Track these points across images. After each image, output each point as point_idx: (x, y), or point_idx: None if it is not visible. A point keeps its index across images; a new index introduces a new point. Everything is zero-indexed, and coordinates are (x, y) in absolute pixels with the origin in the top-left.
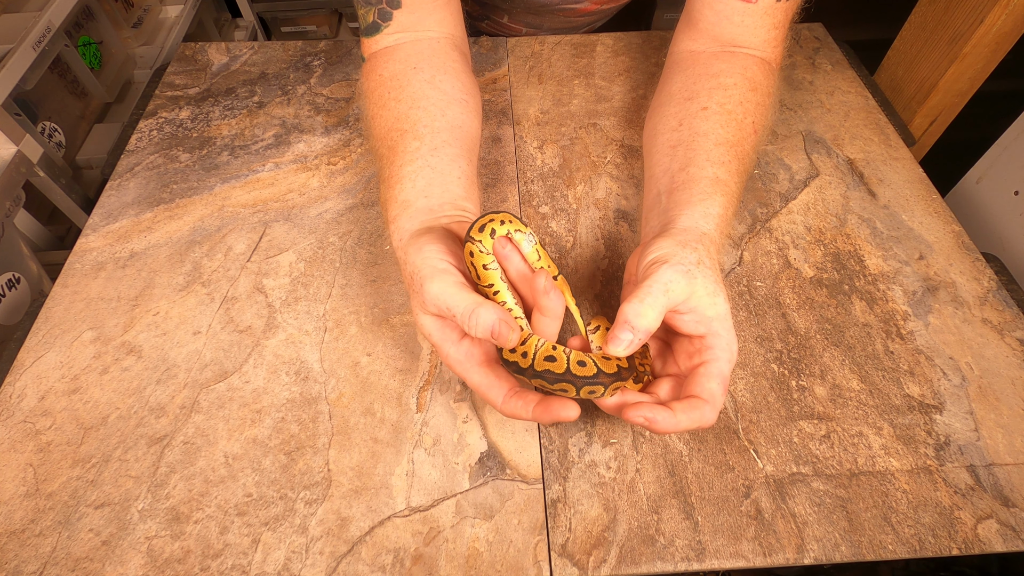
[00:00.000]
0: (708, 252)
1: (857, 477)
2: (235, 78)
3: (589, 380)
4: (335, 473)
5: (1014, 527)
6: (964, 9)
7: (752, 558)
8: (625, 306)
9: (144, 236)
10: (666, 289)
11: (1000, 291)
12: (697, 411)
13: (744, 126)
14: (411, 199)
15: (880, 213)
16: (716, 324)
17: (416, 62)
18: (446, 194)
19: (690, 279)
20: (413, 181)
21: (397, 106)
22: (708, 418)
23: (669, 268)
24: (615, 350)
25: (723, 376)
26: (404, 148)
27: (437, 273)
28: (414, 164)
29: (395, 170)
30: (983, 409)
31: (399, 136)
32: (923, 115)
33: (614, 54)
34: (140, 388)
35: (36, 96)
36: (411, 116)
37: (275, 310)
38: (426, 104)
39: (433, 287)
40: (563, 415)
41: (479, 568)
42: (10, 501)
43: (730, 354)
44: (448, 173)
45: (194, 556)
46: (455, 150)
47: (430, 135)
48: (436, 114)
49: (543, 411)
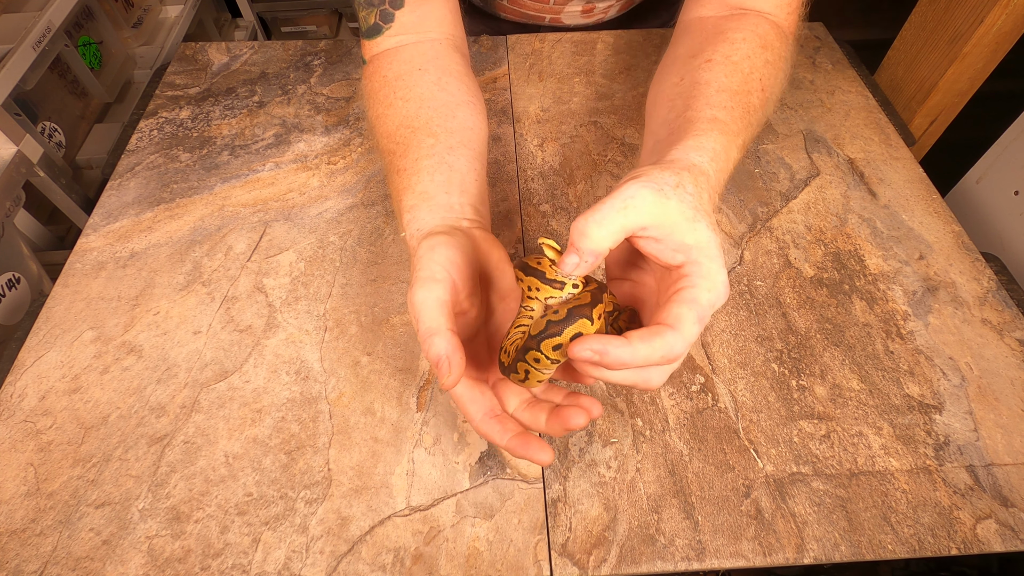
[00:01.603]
0: (695, 182)
1: (857, 477)
2: (235, 78)
3: (544, 334)
4: (335, 472)
5: (1013, 527)
6: (964, 9)
7: (752, 558)
8: (573, 223)
9: (144, 236)
10: (625, 205)
11: (1000, 291)
12: (659, 338)
13: (751, 80)
14: (431, 192)
15: (880, 213)
16: (696, 252)
17: (421, 64)
18: (466, 195)
19: (662, 198)
20: (432, 175)
21: (405, 106)
22: (674, 348)
23: (635, 183)
24: (562, 272)
25: (697, 303)
26: (419, 143)
27: (427, 282)
28: (432, 159)
29: (410, 162)
30: (982, 409)
31: (411, 133)
32: (923, 115)
33: (615, 52)
34: (140, 388)
35: (36, 96)
36: (421, 115)
37: (275, 309)
38: (435, 105)
39: (416, 295)
40: (537, 456)
41: (479, 567)
42: (11, 500)
43: (710, 283)
44: (467, 174)
45: (195, 555)
46: (471, 152)
47: (445, 134)
48: (447, 115)
49: (518, 444)
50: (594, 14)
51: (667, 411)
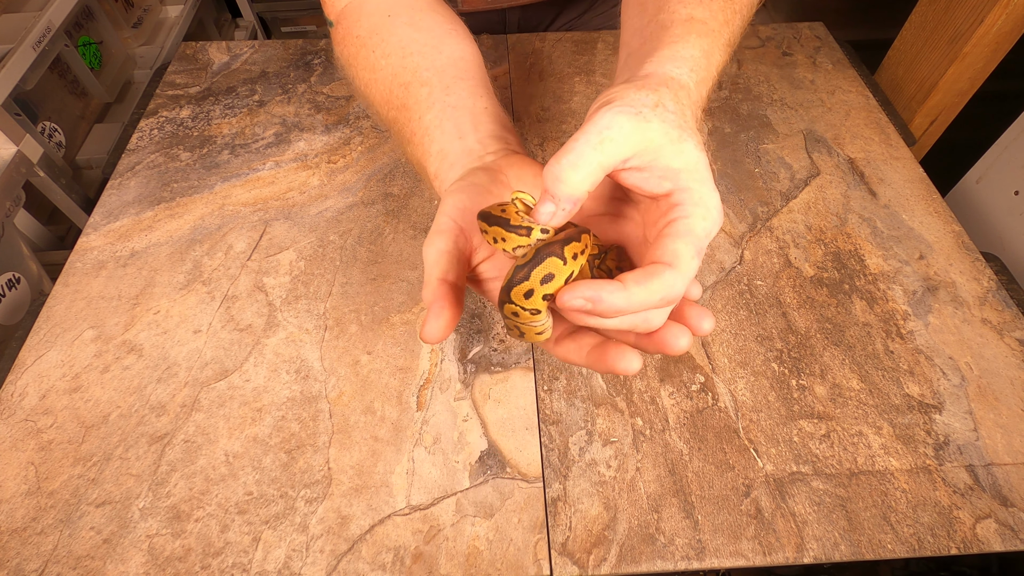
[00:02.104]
0: (675, 97)
1: (857, 476)
2: (235, 77)
3: (511, 283)
4: (335, 471)
5: (1012, 527)
6: (964, 9)
7: (752, 557)
8: (545, 167)
9: (145, 235)
10: (600, 139)
11: (1000, 291)
12: (656, 279)
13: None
14: (446, 147)
15: (880, 212)
16: (685, 176)
17: (389, 9)
18: (480, 128)
19: (641, 123)
20: (440, 128)
21: (388, 62)
22: (673, 287)
23: (608, 110)
24: (538, 223)
25: (693, 234)
26: (415, 100)
27: (431, 236)
28: (432, 111)
29: (415, 125)
30: (982, 409)
31: (403, 90)
32: (923, 115)
33: (615, 51)
34: (141, 387)
35: (36, 96)
36: (407, 65)
37: (275, 308)
38: (417, 48)
39: (423, 250)
40: (620, 365)
41: (479, 566)
42: (11, 499)
43: (704, 210)
44: (473, 108)
45: (195, 554)
46: (469, 82)
47: (436, 77)
48: (432, 54)
49: (597, 358)
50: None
51: (667, 410)
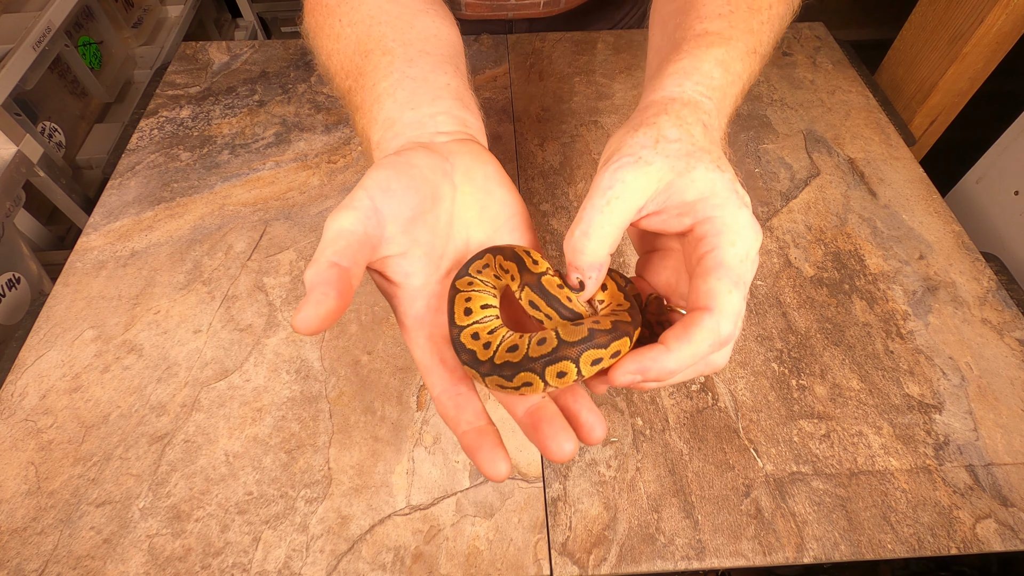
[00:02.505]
0: (678, 120)
1: (857, 476)
2: (236, 77)
3: (548, 357)
4: (335, 471)
5: (1012, 527)
6: (964, 9)
7: (752, 557)
8: (564, 242)
9: (145, 235)
10: (607, 200)
11: (1000, 291)
12: (698, 329)
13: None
14: (394, 116)
15: (880, 212)
16: (701, 207)
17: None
18: (438, 103)
19: (642, 169)
20: (393, 96)
21: (353, 31)
22: (717, 331)
23: (609, 169)
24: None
25: (724, 266)
26: (373, 67)
27: (338, 210)
28: (390, 79)
29: (367, 92)
30: (982, 409)
31: (363, 58)
32: (923, 115)
33: (615, 51)
34: (141, 387)
35: (36, 96)
36: (372, 34)
37: (275, 308)
38: (387, 19)
39: (328, 225)
40: (487, 466)
41: (479, 566)
42: (12, 499)
43: (732, 235)
44: (434, 82)
45: (195, 554)
46: (434, 59)
47: (401, 48)
48: (403, 27)
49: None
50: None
51: (667, 410)
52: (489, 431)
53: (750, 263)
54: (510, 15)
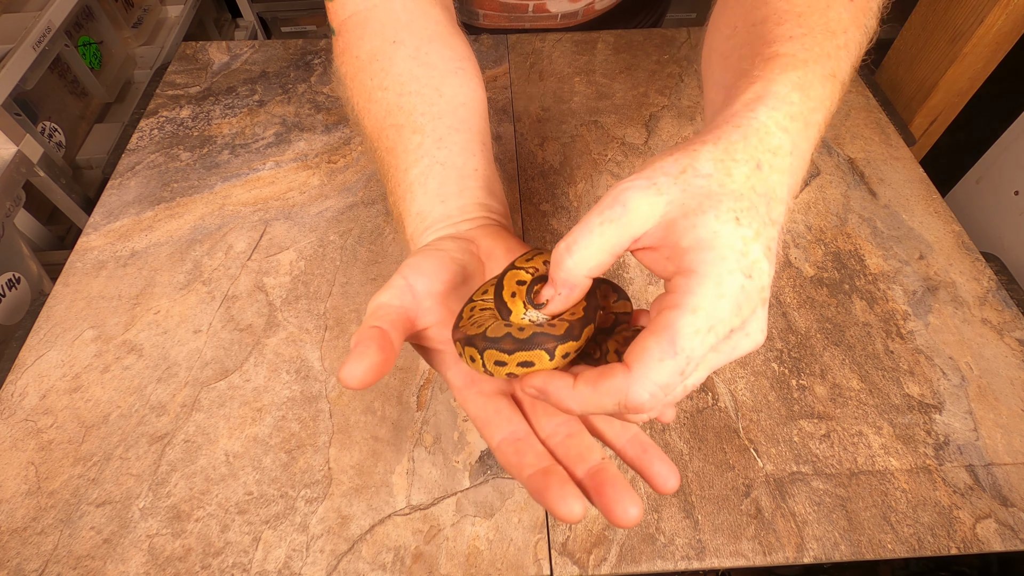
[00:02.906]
0: (723, 153)
1: (857, 476)
2: (236, 77)
3: (493, 343)
4: (335, 471)
5: (1012, 527)
6: (964, 9)
7: (752, 557)
8: (552, 251)
9: (145, 235)
10: (602, 220)
11: (1000, 291)
12: (606, 381)
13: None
14: (425, 209)
15: (880, 212)
16: (689, 259)
17: (395, 34)
18: (465, 194)
19: (652, 196)
20: (424, 186)
21: (385, 96)
22: (629, 393)
23: (624, 185)
24: (546, 309)
25: (671, 333)
26: (405, 147)
27: (381, 291)
28: (420, 165)
29: (400, 176)
30: (982, 409)
31: (395, 133)
32: (923, 115)
33: (615, 51)
34: (141, 387)
35: (36, 96)
36: (403, 105)
37: (276, 308)
38: (417, 87)
39: (369, 305)
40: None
41: (479, 566)
42: (12, 499)
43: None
44: (462, 167)
45: (195, 554)
46: (463, 136)
47: (431, 124)
48: (431, 96)
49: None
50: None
51: None
52: (555, 470)
53: (710, 338)
54: (527, 26)
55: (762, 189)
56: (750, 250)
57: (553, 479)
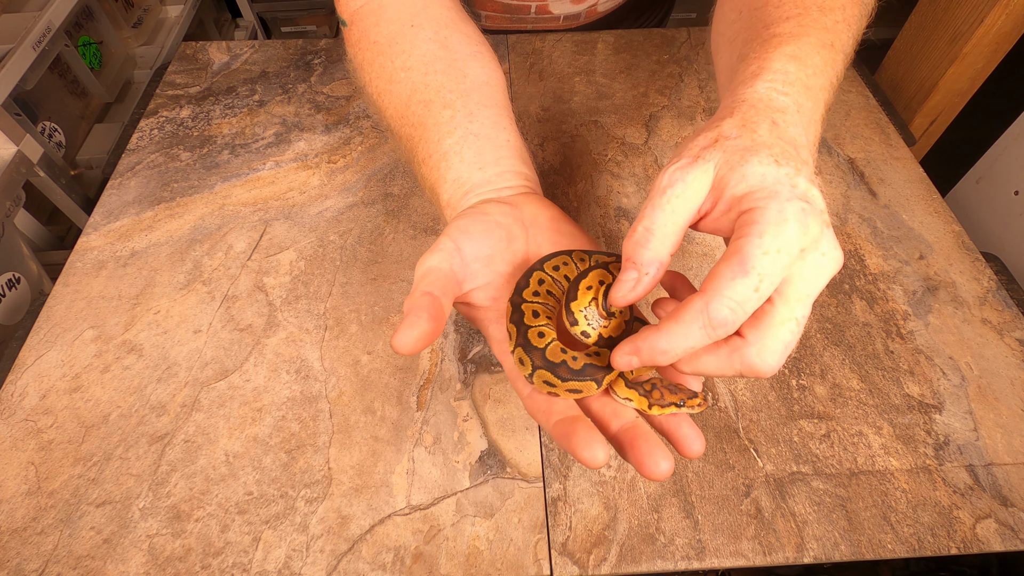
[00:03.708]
0: (742, 121)
1: (857, 476)
2: (236, 77)
3: (549, 366)
4: (336, 471)
5: (1012, 527)
6: (964, 9)
7: (752, 557)
8: (625, 240)
9: (145, 235)
10: (667, 199)
11: (1000, 291)
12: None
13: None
14: (463, 175)
15: (880, 212)
16: (748, 200)
17: (412, 19)
18: (501, 162)
19: (701, 166)
20: (460, 154)
21: (409, 75)
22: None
23: (668, 171)
24: (619, 296)
25: (741, 256)
26: (436, 120)
27: (427, 253)
28: (453, 136)
29: (433, 146)
30: (982, 409)
31: (423, 108)
32: (923, 115)
33: (615, 51)
34: (141, 387)
35: (36, 96)
36: (430, 83)
37: (276, 308)
38: (441, 67)
39: (418, 267)
40: (584, 453)
41: (479, 566)
42: (12, 499)
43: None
44: (495, 138)
45: (195, 554)
46: (492, 111)
47: (460, 100)
48: (456, 76)
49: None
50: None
51: None
52: (582, 419)
53: (782, 258)
54: (529, 27)
55: (787, 137)
56: (797, 182)
57: (580, 425)
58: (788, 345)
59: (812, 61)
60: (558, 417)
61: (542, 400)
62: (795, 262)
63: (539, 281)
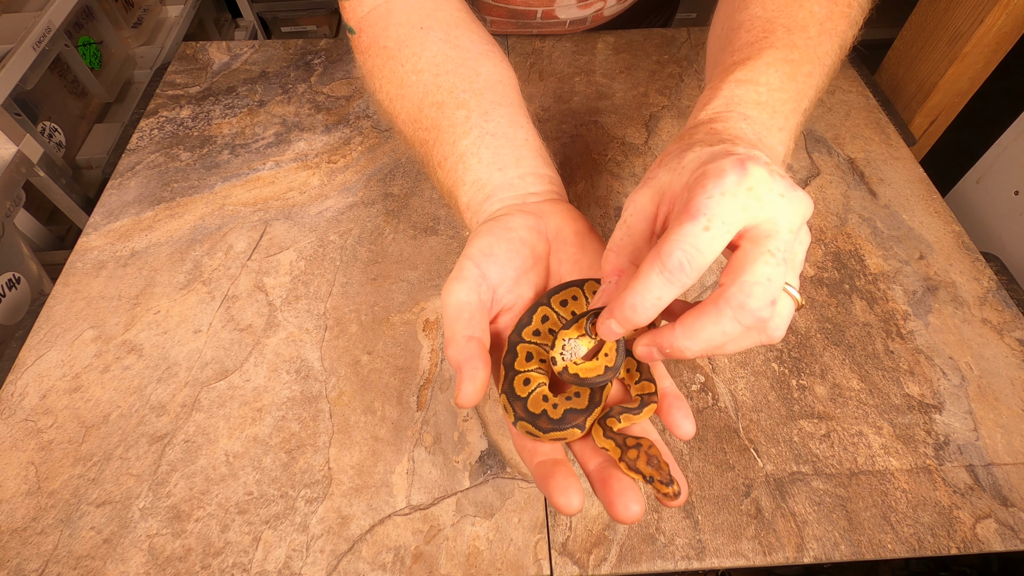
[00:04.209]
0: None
1: (857, 476)
2: (236, 77)
3: (529, 417)
4: (336, 471)
5: (1012, 527)
6: (964, 9)
7: (752, 557)
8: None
9: (145, 235)
10: (623, 218)
11: (1000, 291)
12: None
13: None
14: (482, 177)
15: (880, 212)
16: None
17: (421, 21)
18: (522, 163)
19: (648, 183)
20: (477, 155)
21: (420, 78)
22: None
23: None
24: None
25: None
26: (450, 122)
27: (451, 282)
28: (470, 136)
29: (448, 148)
30: (982, 409)
31: (436, 110)
32: (923, 115)
33: (615, 51)
34: (141, 387)
35: (36, 96)
36: (442, 84)
37: (276, 308)
38: (453, 67)
39: (442, 296)
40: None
41: (479, 566)
42: (12, 499)
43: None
44: (513, 137)
45: (195, 554)
46: (507, 110)
47: (474, 99)
48: (469, 75)
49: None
50: (591, 3)
51: None
52: (564, 463)
53: (727, 199)
54: (535, 33)
55: (725, 136)
56: (735, 149)
57: (560, 469)
58: (771, 280)
59: (765, 80)
60: (541, 458)
61: (528, 439)
62: (751, 204)
63: (542, 319)
